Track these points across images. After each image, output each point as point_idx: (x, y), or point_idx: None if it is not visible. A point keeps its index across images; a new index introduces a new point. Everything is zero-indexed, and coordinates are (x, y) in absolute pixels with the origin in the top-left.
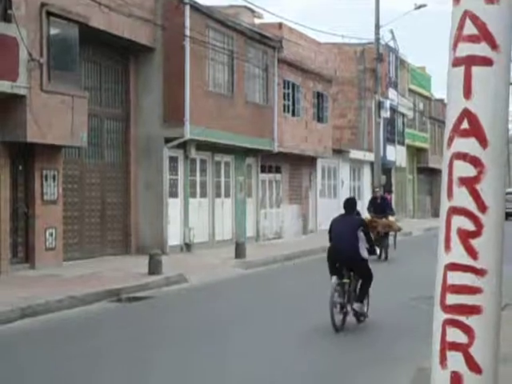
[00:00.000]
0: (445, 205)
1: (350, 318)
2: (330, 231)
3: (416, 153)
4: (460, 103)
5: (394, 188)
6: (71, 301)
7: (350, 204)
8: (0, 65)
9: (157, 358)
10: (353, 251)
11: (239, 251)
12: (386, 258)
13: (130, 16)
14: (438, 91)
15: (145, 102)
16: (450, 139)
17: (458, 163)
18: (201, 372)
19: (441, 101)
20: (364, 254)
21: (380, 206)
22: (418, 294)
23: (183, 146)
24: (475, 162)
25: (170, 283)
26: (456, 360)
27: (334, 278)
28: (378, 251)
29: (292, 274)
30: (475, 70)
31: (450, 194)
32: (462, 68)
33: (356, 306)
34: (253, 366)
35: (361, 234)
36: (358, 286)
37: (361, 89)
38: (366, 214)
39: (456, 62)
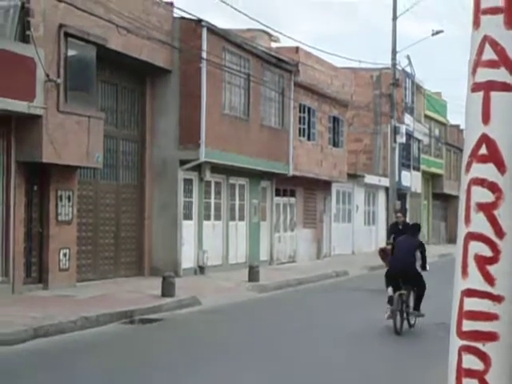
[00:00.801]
0: (462, 230)
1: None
2: (393, 247)
3: (431, 178)
4: (478, 128)
5: (408, 213)
6: (84, 322)
7: (414, 228)
8: (17, 85)
9: (168, 381)
10: (409, 266)
11: (253, 274)
12: None
13: (148, 38)
14: (454, 117)
15: (161, 123)
16: (468, 164)
17: (475, 189)
18: None
19: (456, 127)
20: (419, 269)
21: (402, 233)
22: (432, 321)
23: (198, 168)
24: (493, 187)
25: (183, 306)
26: None
27: (390, 290)
28: (427, 267)
29: (307, 298)
30: (494, 95)
31: (467, 220)
32: (481, 93)
33: (413, 313)
34: None
35: (418, 254)
36: (413, 297)
37: (376, 114)
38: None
39: (475, 88)
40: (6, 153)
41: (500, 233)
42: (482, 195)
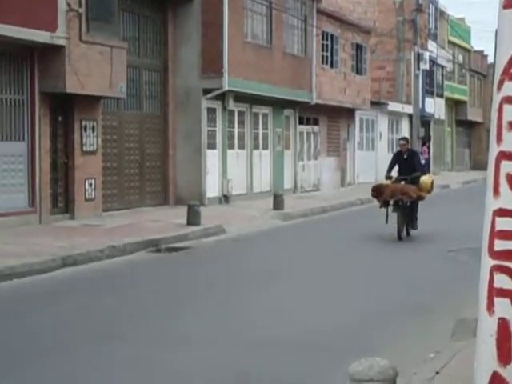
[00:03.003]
0: (494, 150)
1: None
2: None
3: (455, 105)
4: (511, 45)
5: (432, 141)
6: (111, 250)
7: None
8: (39, 15)
9: (194, 308)
10: None
11: (277, 203)
12: (408, 233)
13: None
14: (478, 43)
15: (183, 52)
16: (500, 83)
17: (508, 107)
18: (238, 321)
19: (480, 52)
20: None
21: (407, 164)
22: (457, 246)
23: (221, 97)
24: None
25: (208, 234)
26: (504, 306)
27: None
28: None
29: (332, 225)
30: None
31: (499, 139)
32: None
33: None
34: (290, 316)
35: None
36: None
37: (400, 40)
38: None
39: (507, 4)
40: (31, 84)
41: None
42: None
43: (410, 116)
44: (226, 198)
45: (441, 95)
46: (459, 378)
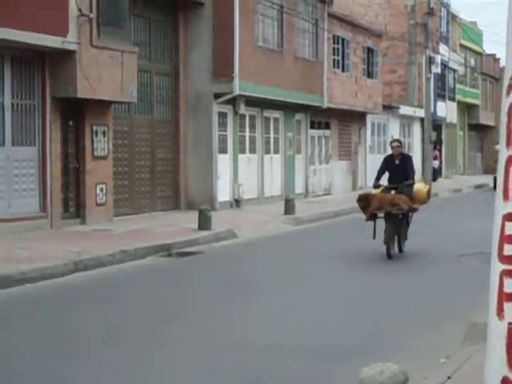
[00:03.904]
0: (503, 154)
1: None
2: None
3: (467, 109)
4: None
5: (444, 145)
6: (122, 255)
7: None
8: (50, 20)
9: (203, 313)
10: None
11: (288, 207)
12: (401, 250)
13: None
14: (490, 46)
15: (194, 57)
16: (510, 86)
17: None
18: (246, 325)
19: (492, 56)
20: None
21: (399, 170)
22: (468, 251)
23: (232, 101)
24: None
25: (219, 239)
26: None
27: None
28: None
29: (344, 229)
30: None
31: (509, 143)
32: None
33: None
34: (300, 321)
35: None
36: None
37: (411, 44)
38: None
39: None
40: (42, 89)
41: None
42: None
43: (422, 120)
44: (237, 203)
45: (453, 99)
46: (471, 383)
